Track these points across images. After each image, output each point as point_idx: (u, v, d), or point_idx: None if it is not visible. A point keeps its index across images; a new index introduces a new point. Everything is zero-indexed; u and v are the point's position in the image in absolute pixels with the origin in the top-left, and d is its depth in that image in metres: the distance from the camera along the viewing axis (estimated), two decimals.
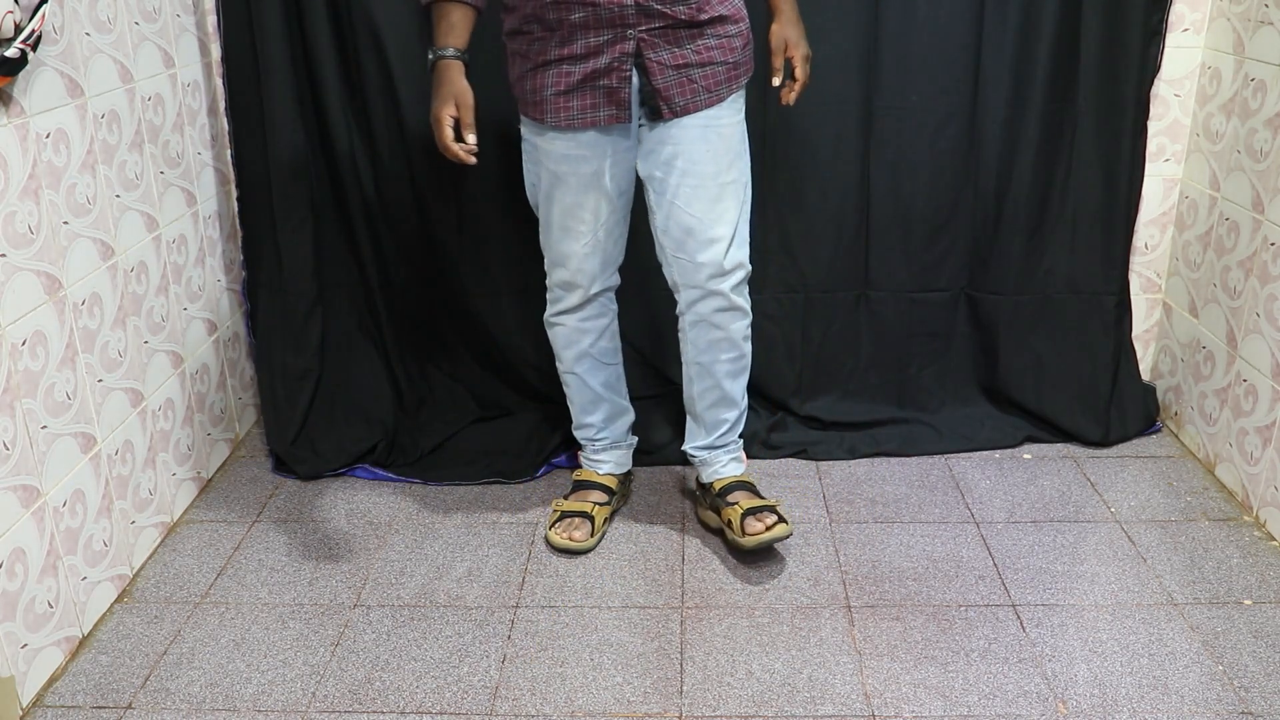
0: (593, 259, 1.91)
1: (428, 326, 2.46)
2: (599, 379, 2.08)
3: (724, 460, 2.06)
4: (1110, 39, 2.22)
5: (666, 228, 1.84)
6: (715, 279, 1.84)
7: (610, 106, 1.76)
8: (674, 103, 1.76)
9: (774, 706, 1.64)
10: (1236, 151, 2.17)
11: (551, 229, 1.91)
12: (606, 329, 2.04)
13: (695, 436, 2.07)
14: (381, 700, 1.67)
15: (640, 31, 1.71)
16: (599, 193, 1.84)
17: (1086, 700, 1.64)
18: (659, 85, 1.75)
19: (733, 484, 2.03)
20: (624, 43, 1.71)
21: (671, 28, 1.72)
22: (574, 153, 1.81)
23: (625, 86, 1.75)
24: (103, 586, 1.87)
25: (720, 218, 1.82)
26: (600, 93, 1.75)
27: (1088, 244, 2.36)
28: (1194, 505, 2.17)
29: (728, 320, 1.89)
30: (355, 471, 2.33)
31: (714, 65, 1.77)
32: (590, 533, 2.04)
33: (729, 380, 1.97)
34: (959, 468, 2.32)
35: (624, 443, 2.17)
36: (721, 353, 1.93)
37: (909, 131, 2.27)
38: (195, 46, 2.21)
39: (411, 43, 2.18)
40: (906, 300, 2.41)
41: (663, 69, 1.74)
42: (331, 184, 2.31)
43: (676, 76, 1.75)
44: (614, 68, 1.73)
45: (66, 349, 1.75)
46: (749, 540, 1.92)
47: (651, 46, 1.72)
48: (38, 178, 1.66)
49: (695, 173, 1.80)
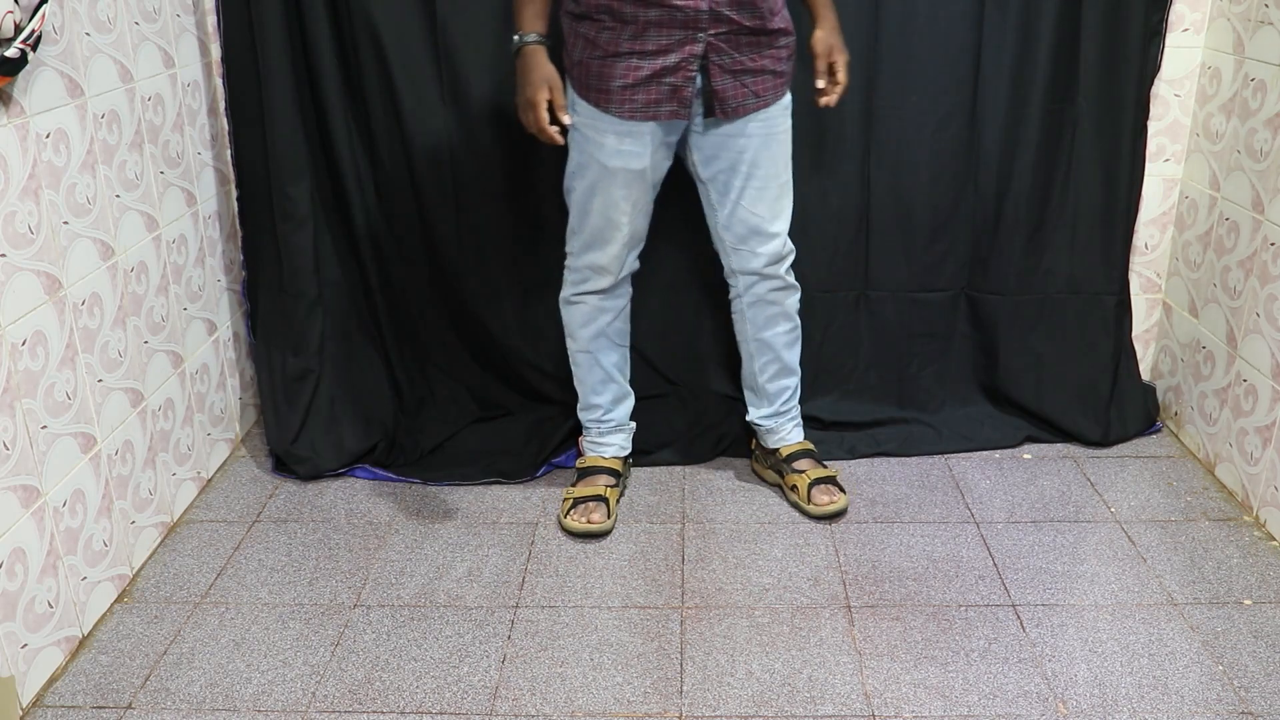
0: (628, 248, 2.02)
1: (428, 326, 2.46)
2: (611, 359, 2.15)
3: (788, 427, 2.21)
4: (1110, 39, 2.22)
5: (729, 225, 2.00)
6: (772, 265, 2.03)
7: (673, 104, 1.86)
8: (727, 104, 1.87)
9: (774, 706, 1.64)
10: (1236, 151, 2.17)
11: (590, 217, 1.98)
12: (623, 310, 2.13)
13: (759, 407, 2.21)
14: (381, 700, 1.67)
15: (709, 35, 1.80)
16: (642, 186, 1.94)
17: (1086, 700, 1.64)
18: (716, 87, 1.85)
19: (798, 451, 2.19)
20: (694, 44, 1.81)
21: (737, 34, 1.82)
22: (626, 148, 1.89)
23: (689, 85, 1.84)
24: (103, 586, 1.87)
25: (779, 215, 2.00)
26: (665, 89, 1.84)
27: (1088, 244, 2.36)
28: (1194, 505, 2.17)
29: (783, 296, 2.08)
30: (355, 471, 2.33)
31: (765, 73, 1.88)
32: (607, 514, 2.09)
33: (787, 351, 2.14)
34: (959, 468, 2.32)
35: (626, 426, 2.23)
36: (779, 325, 2.11)
37: (909, 131, 2.27)
38: (195, 46, 2.21)
39: (411, 43, 2.18)
40: (906, 300, 2.41)
41: (722, 72, 1.84)
42: (331, 184, 2.30)
43: (732, 80, 1.86)
44: (681, 67, 1.82)
45: (66, 349, 1.75)
46: (816, 510, 2.12)
47: (717, 50, 1.82)
48: (38, 178, 1.66)
49: (759, 176, 1.95)
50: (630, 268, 2.06)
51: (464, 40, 2.18)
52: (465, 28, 2.17)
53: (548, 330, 2.42)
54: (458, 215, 2.31)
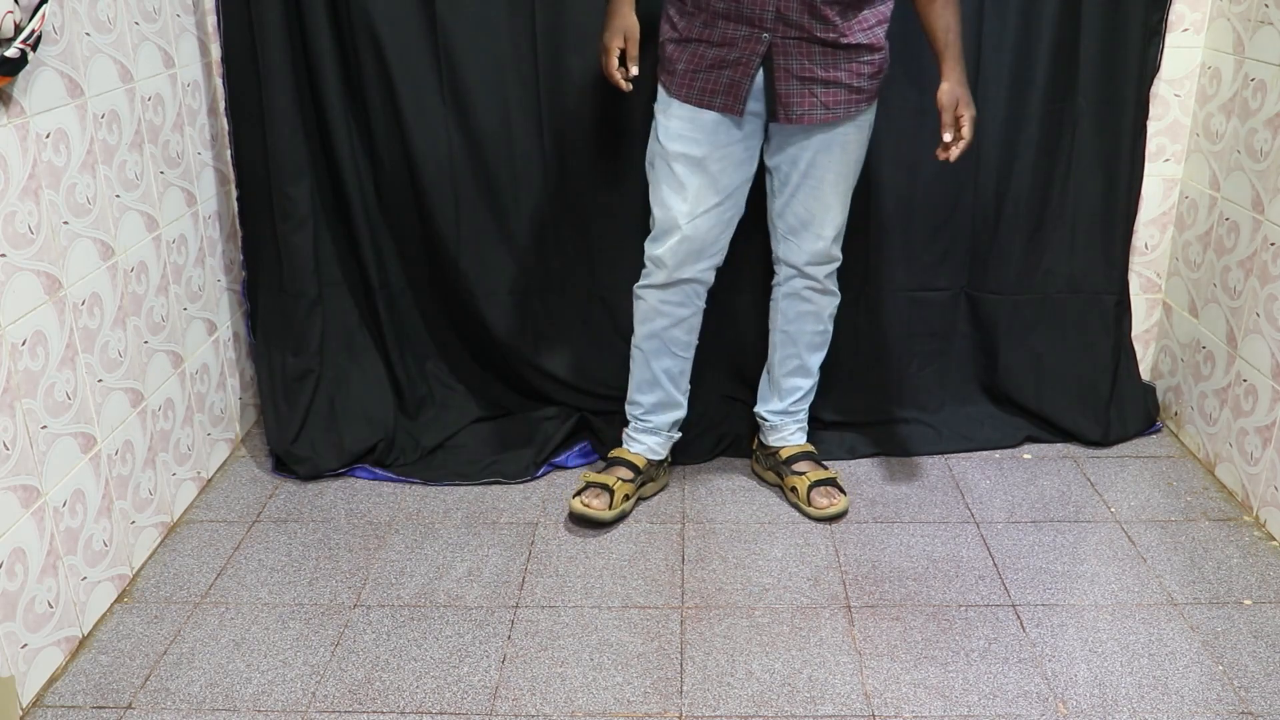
0: (684, 245, 1.98)
1: (428, 326, 2.46)
2: (661, 364, 2.13)
3: (792, 429, 2.22)
4: (1110, 39, 2.22)
5: (783, 214, 2.03)
6: (813, 265, 2.05)
7: (727, 97, 1.86)
8: (791, 110, 1.87)
9: (774, 706, 1.64)
10: (1236, 151, 2.17)
11: (656, 206, 1.99)
12: (684, 320, 2.09)
13: (768, 401, 2.22)
14: (381, 700, 1.67)
15: (776, 36, 1.80)
16: (702, 178, 1.93)
17: (1086, 700, 1.64)
18: (780, 90, 1.85)
19: (799, 454, 2.20)
20: (757, 42, 1.81)
21: (808, 41, 1.81)
22: (686, 134, 1.90)
23: (746, 82, 1.84)
24: (103, 586, 1.87)
25: (830, 219, 2.01)
26: (723, 81, 1.85)
27: (1088, 244, 2.36)
28: (1194, 505, 2.17)
29: (819, 298, 2.10)
30: (355, 471, 2.33)
31: (838, 86, 1.86)
32: (609, 504, 2.09)
33: (809, 352, 2.16)
34: (959, 468, 2.32)
35: (664, 432, 2.21)
36: (807, 324, 2.12)
37: (909, 131, 2.26)
38: (195, 46, 2.21)
39: (411, 43, 2.18)
40: (906, 300, 2.41)
41: (788, 76, 1.83)
42: (331, 184, 2.30)
43: (799, 87, 1.84)
44: (741, 62, 1.83)
45: (66, 349, 1.75)
46: (815, 512, 2.12)
47: (783, 53, 1.82)
48: (38, 178, 1.66)
49: (816, 177, 1.96)
50: (692, 274, 2.01)
51: (464, 40, 2.18)
52: (465, 28, 2.17)
53: (548, 330, 2.42)
54: (458, 215, 2.31)
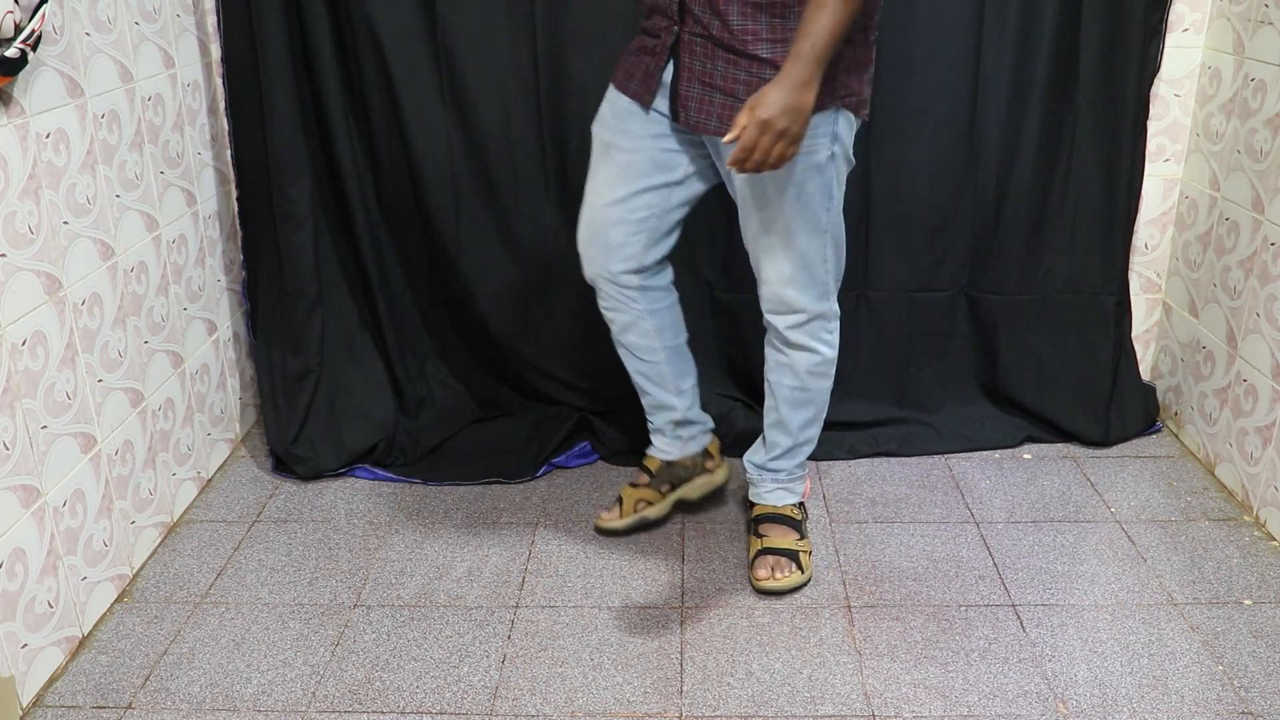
0: (587, 231, 1.86)
1: (428, 326, 2.46)
2: (633, 367, 2.00)
3: (769, 486, 2.01)
4: (1110, 39, 2.22)
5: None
6: (771, 313, 1.83)
7: (640, 85, 1.78)
8: (689, 113, 1.73)
9: (774, 706, 1.64)
10: (1236, 151, 2.17)
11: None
12: (631, 325, 1.92)
13: (755, 452, 2.03)
14: (381, 700, 1.67)
15: (684, 31, 1.70)
16: (609, 166, 1.82)
17: (1086, 700, 1.64)
18: (681, 89, 1.73)
19: (768, 514, 2.01)
20: (669, 35, 1.72)
21: (710, 42, 1.67)
22: (605, 117, 1.83)
23: (658, 74, 1.76)
24: (103, 586, 1.87)
25: (773, 261, 1.77)
26: (641, 68, 1.78)
27: (1088, 244, 2.36)
28: (1194, 505, 2.17)
29: (786, 349, 1.87)
30: (355, 471, 2.33)
31: (735, 99, 1.68)
32: (619, 515, 2.08)
33: (786, 406, 1.92)
34: (959, 468, 2.32)
35: (668, 432, 2.09)
36: (783, 376, 1.90)
37: (909, 131, 2.26)
38: (195, 46, 2.21)
39: (412, 43, 2.18)
40: (906, 300, 2.41)
41: (690, 77, 1.71)
42: (331, 184, 2.30)
43: (700, 90, 1.72)
44: (657, 51, 1.75)
45: (66, 349, 1.75)
46: (754, 584, 1.92)
47: (689, 50, 1.70)
48: (38, 178, 1.66)
49: (746, 208, 1.76)
50: (608, 274, 1.86)
51: (464, 40, 2.18)
52: (465, 28, 2.17)
53: (548, 330, 2.42)
54: (458, 215, 2.31)
